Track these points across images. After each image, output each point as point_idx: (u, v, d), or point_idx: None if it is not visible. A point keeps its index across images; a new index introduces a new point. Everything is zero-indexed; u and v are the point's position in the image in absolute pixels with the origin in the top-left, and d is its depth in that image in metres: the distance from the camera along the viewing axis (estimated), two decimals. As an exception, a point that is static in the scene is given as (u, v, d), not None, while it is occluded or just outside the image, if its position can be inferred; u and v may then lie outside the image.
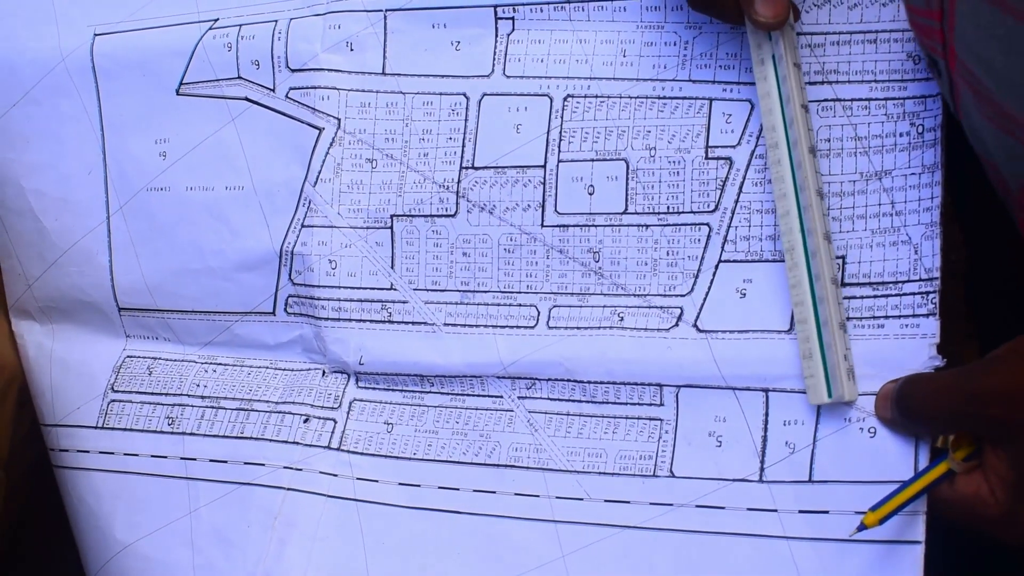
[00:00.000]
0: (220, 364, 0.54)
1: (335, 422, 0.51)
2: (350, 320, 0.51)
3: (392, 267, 0.50)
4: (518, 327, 0.49)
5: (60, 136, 0.55)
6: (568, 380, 0.48)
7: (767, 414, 0.45)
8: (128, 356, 0.55)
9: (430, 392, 0.50)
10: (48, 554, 0.63)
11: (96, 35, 0.55)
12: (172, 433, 0.53)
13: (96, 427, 0.55)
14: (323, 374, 0.52)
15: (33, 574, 0.65)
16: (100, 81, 0.54)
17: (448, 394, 0.50)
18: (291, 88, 0.52)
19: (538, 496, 0.47)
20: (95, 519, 0.54)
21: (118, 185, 0.54)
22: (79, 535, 0.56)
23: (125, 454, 0.54)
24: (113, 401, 0.55)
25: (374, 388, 0.51)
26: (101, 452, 0.54)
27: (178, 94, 0.53)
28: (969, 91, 0.37)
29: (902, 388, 0.41)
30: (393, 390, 0.50)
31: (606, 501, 0.46)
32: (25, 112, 0.55)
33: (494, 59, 0.49)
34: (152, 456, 0.53)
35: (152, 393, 0.54)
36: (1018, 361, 0.37)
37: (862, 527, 0.41)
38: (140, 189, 0.54)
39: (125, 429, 0.54)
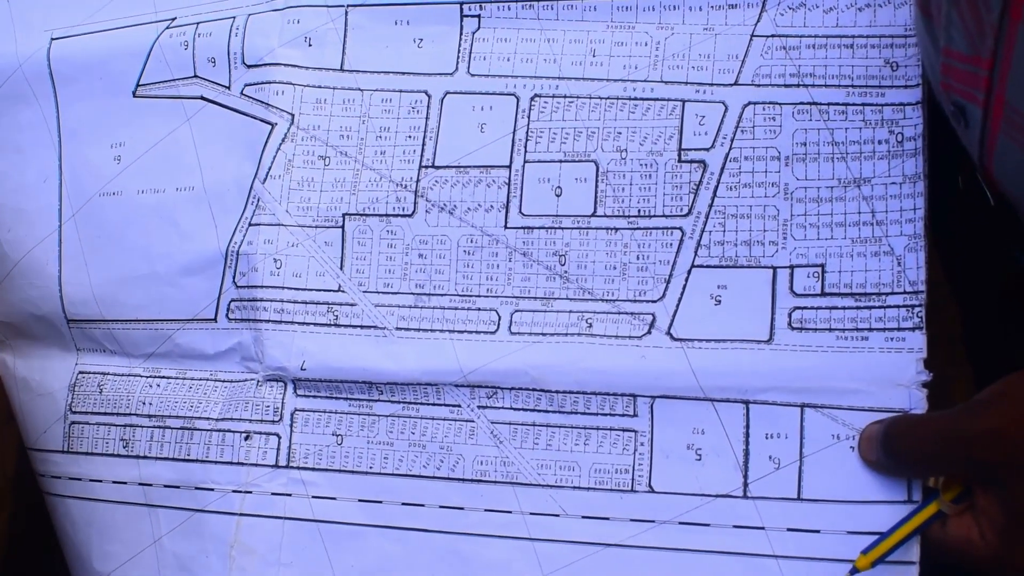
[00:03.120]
0: (163, 377, 0.47)
1: (279, 437, 0.45)
2: (292, 323, 0.45)
3: (341, 268, 0.45)
4: (477, 332, 0.43)
5: (19, 145, 0.50)
6: (534, 389, 0.42)
7: (748, 427, 0.40)
8: (80, 372, 0.49)
9: (379, 400, 0.44)
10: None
11: (53, 39, 0.49)
12: (128, 456, 0.47)
13: (63, 451, 0.48)
14: (257, 383, 0.45)
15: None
16: (58, 87, 0.49)
17: (399, 402, 0.43)
18: (246, 84, 0.46)
19: (510, 512, 0.42)
20: (75, 548, 0.48)
21: (72, 192, 0.49)
22: (67, 563, 0.49)
23: (90, 480, 0.48)
24: (73, 423, 0.48)
25: (315, 396, 0.44)
26: (70, 478, 0.48)
27: (135, 96, 0.48)
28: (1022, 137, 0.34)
29: (888, 430, 0.38)
30: (337, 398, 0.44)
31: (584, 517, 0.41)
32: None
33: (458, 57, 0.45)
34: (114, 482, 0.47)
35: (105, 413, 0.48)
36: (1006, 403, 0.34)
37: (854, 570, 0.37)
38: (93, 195, 0.48)
39: (87, 453, 0.48)
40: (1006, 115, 0.33)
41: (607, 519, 0.41)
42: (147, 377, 0.48)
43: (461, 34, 0.45)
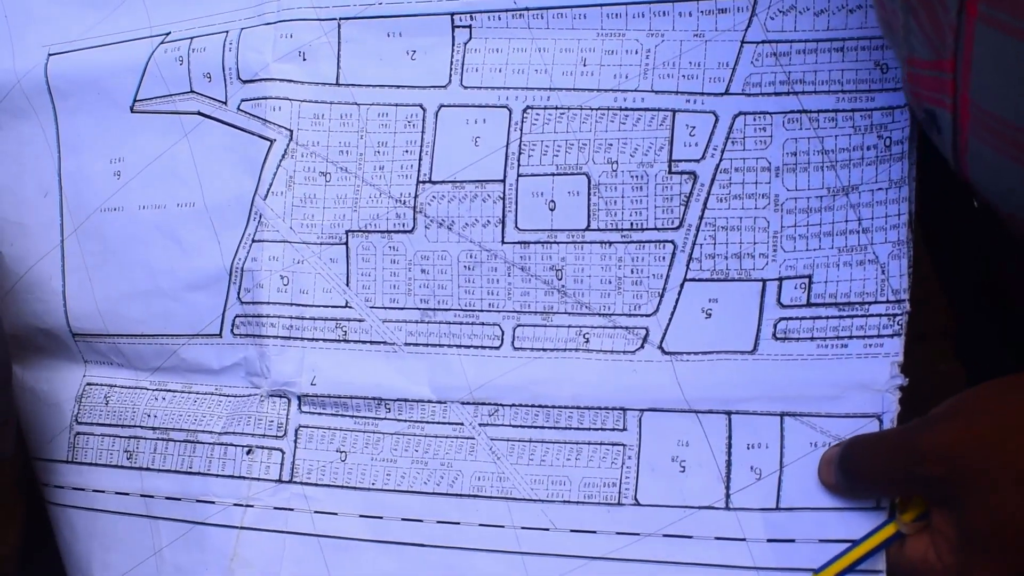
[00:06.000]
0: (169, 391, 0.47)
1: (283, 452, 0.45)
2: (301, 339, 0.45)
3: (347, 284, 0.45)
4: (483, 347, 0.43)
5: (19, 159, 0.49)
6: (533, 405, 0.42)
7: (730, 437, 0.40)
8: (88, 384, 0.49)
9: (385, 419, 0.44)
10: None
11: (50, 55, 0.48)
12: (131, 468, 0.47)
13: (67, 461, 0.49)
14: (261, 399, 0.46)
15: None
16: (56, 101, 0.48)
17: (406, 421, 0.44)
18: (243, 100, 0.45)
19: (503, 527, 0.42)
20: (75, 558, 0.49)
21: (73, 207, 0.48)
22: (67, 573, 0.50)
23: (93, 490, 0.48)
24: (79, 434, 0.49)
25: (321, 413, 0.45)
26: (73, 488, 0.49)
27: (132, 111, 0.47)
28: (992, 137, 0.32)
29: (844, 451, 0.37)
30: (343, 415, 0.45)
31: (572, 531, 0.42)
32: None
33: (451, 69, 0.44)
34: (116, 493, 0.48)
35: (110, 425, 0.48)
36: (958, 418, 0.33)
37: None
38: (94, 210, 0.48)
39: (91, 464, 0.48)
40: (973, 116, 0.32)
41: (594, 532, 0.41)
42: (153, 390, 0.48)
43: (453, 45, 0.44)
